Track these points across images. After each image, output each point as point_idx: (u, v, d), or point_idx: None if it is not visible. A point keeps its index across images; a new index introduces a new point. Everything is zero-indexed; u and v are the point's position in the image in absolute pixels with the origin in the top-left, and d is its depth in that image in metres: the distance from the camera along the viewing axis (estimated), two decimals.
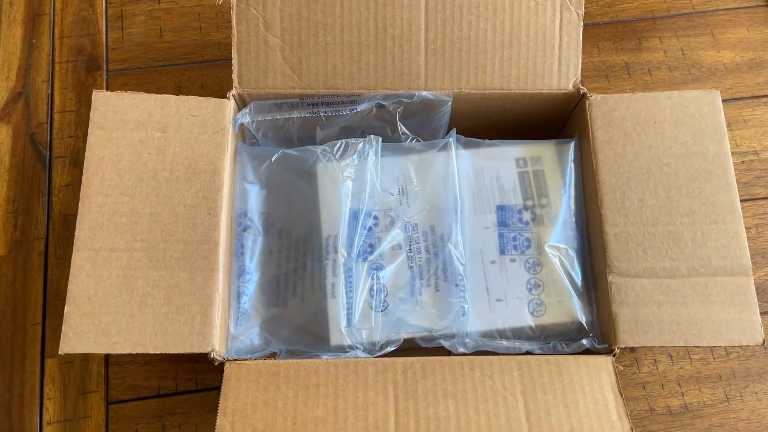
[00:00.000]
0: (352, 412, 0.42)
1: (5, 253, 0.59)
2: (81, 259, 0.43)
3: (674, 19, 0.67)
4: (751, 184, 0.61)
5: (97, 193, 0.45)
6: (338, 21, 0.49)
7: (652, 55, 0.65)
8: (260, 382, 0.43)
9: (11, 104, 0.64)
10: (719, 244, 0.45)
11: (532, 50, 0.50)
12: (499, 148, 0.52)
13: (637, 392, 0.54)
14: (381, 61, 0.50)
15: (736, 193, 0.46)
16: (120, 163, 0.45)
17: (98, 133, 0.46)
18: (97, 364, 0.55)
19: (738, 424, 0.53)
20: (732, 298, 0.45)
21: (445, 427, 0.41)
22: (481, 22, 0.50)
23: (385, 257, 0.49)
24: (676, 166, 0.47)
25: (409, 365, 0.43)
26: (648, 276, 0.45)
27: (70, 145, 0.62)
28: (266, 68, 0.50)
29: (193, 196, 0.45)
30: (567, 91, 0.51)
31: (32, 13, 0.67)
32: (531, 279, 0.49)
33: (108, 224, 0.44)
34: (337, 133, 0.53)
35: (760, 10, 0.67)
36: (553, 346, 0.47)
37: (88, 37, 0.66)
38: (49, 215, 0.60)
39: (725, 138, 0.48)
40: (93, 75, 0.65)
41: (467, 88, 0.50)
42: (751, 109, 0.63)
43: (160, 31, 0.66)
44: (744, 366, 0.55)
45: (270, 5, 0.49)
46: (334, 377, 0.43)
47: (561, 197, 0.50)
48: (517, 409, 0.42)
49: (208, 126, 0.47)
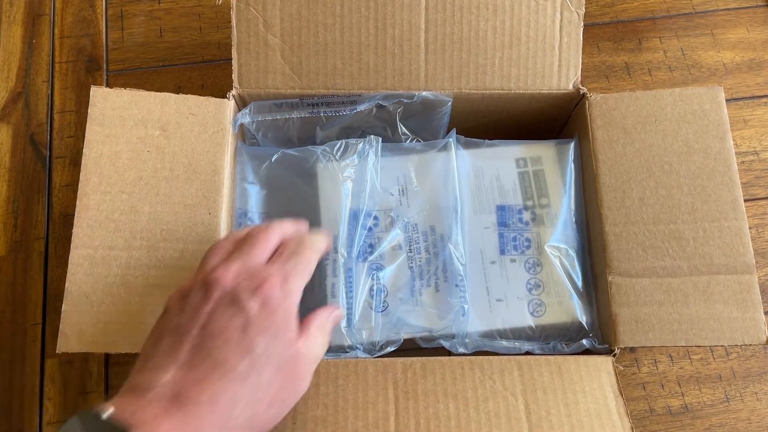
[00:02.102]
0: (352, 411, 0.42)
1: (5, 254, 0.59)
2: (79, 258, 0.43)
3: (674, 19, 0.67)
4: (751, 184, 0.61)
5: (96, 190, 0.45)
6: (338, 21, 0.49)
7: (652, 56, 0.65)
8: None
9: (11, 104, 0.64)
10: (722, 242, 0.45)
11: (532, 50, 0.50)
12: (499, 148, 0.52)
13: (637, 392, 0.54)
14: (381, 61, 0.50)
15: (739, 191, 0.46)
16: (119, 161, 0.45)
17: (96, 129, 0.46)
18: (97, 364, 0.55)
19: (738, 424, 0.53)
20: (735, 296, 0.44)
21: (445, 426, 0.41)
22: (481, 22, 0.50)
23: (385, 257, 0.49)
24: (677, 164, 0.47)
25: (409, 365, 0.43)
26: (649, 275, 0.45)
27: (70, 145, 0.62)
28: (266, 68, 0.50)
29: (193, 196, 0.45)
30: (567, 91, 0.51)
31: (32, 13, 0.67)
32: (531, 279, 0.49)
33: (107, 222, 0.44)
34: (337, 133, 0.53)
35: (760, 10, 0.67)
36: (553, 347, 0.47)
37: (88, 38, 0.66)
38: (49, 215, 0.60)
39: (728, 135, 0.47)
40: (93, 75, 0.65)
41: (467, 89, 0.50)
42: (751, 109, 0.63)
43: (160, 31, 0.66)
44: (744, 366, 0.55)
45: (270, 5, 0.49)
46: (333, 377, 0.43)
47: (561, 197, 0.50)
48: (518, 409, 0.42)
49: (208, 125, 0.47)
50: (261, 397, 0.32)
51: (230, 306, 0.33)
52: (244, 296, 0.33)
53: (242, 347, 0.32)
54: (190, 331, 0.32)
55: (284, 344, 0.33)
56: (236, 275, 0.34)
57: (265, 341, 0.32)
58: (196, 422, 0.30)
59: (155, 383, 0.31)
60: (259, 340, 0.32)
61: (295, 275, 0.35)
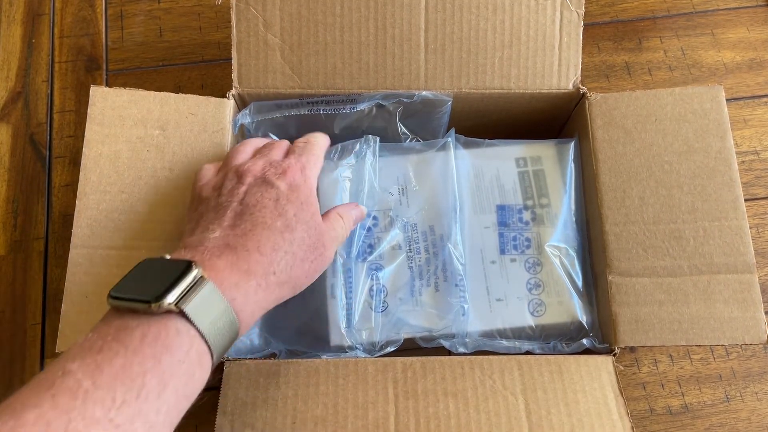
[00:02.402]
0: (352, 411, 0.42)
1: (5, 253, 0.59)
2: (78, 257, 0.43)
3: (674, 18, 0.67)
4: (751, 184, 0.61)
5: (95, 190, 0.45)
6: (338, 21, 0.49)
7: (653, 55, 0.65)
8: (260, 381, 0.43)
9: (11, 104, 0.64)
10: (722, 242, 0.45)
11: (532, 50, 0.50)
12: (499, 148, 0.52)
13: (637, 392, 0.54)
14: (381, 60, 0.50)
15: (739, 190, 0.46)
16: (118, 160, 0.45)
17: (96, 129, 0.46)
18: None
19: (738, 424, 0.53)
20: (735, 295, 0.44)
21: (445, 426, 0.41)
22: (481, 22, 0.50)
23: (384, 257, 0.49)
24: (677, 164, 0.47)
25: (409, 365, 0.43)
26: (649, 275, 0.45)
27: (69, 145, 0.62)
28: (266, 68, 0.50)
29: None
30: (567, 90, 0.51)
31: (32, 13, 0.67)
32: (531, 279, 0.49)
33: (106, 222, 0.44)
34: (336, 133, 0.53)
35: (761, 10, 0.67)
36: (553, 346, 0.47)
37: (87, 37, 0.66)
38: (48, 215, 0.60)
39: (728, 134, 0.47)
40: (93, 75, 0.65)
41: (467, 88, 0.50)
42: (751, 109, 0.63)
43: (160, 30, 0.66)
44: (744, 366, 0.55)
45: (270, 5, 0.49)
46: (333, 376, 0.43)
47: (561, 197, 0.50)
48: (518, 409, 0.42)
49: (207, 125, 0.47)
50: (296, 250, 0.38)
51: (262, 186, 0.39)
52: (273, 178, 0.40)
53: (276, 211, 0.38)
54: (231, 205, 0.39)
55: (309, 214, 0.39)
56: (263, 167, 0.41)
57: (294, 209, 0.39)
58: (247, 262, 0.35)
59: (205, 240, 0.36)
60: (289, 207, 0.39)
61: (310, 165, 0.42)
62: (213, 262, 0.34)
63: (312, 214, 0.40)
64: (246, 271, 0.35)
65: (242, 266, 0.35)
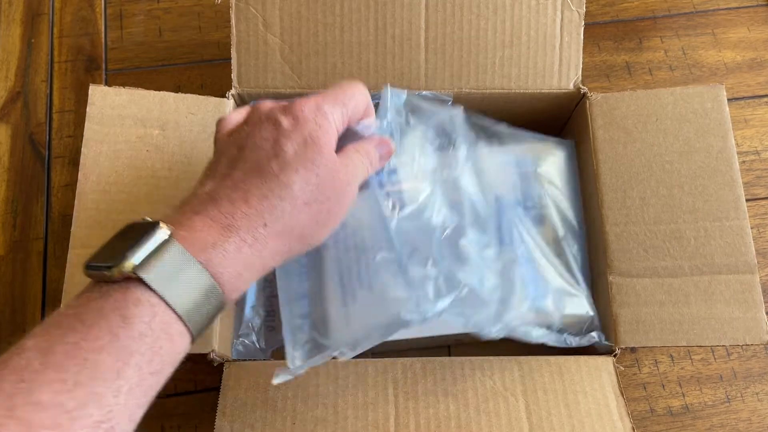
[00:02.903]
0: (352, 411, 0.41)
1: (4, 254, 0.59)
2: (77, 257, 0.43)
3: (675, 18, 0.67)
4: (752, 184, 0.61)
5: (94, 189, 0.45)
6: (338, 20, 0.49)
7: (653, 55, 0.65)
8: (259, 382, 0.42)
9: (10, 104, 0.63)
10: (723, 242, 0.45)
11: (533, 50, 0.50)
12: (499, 148, 0.52)
13: (638, 393, 0.54)
14: (381, 60, 0.50)
15: (740, 190, 0.46)
16: (118, 160, 0.45)
17: (95, 128, 0.46)
18: None
19: (739, 424, 0.53)
20: (736, 296, 0.44)
21: (445, 426, 0.41)
22: (481, 22, 0.50)
23: None
24: (678, 164, 0.47)
25: (409, 365, 0.43)
26: (649, 275, 0.45)
27: (69, 145, 0.62)
28: (266, 68, 0.50)
29: None
30: (567, 90, 0.51)
31: (31, 13, 0.67)
32: (531, 278, 0.49)
33: (105, 221, 0.44)
34: None
35: (761, 10, 0.67)
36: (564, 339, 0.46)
37: (87, 37, 0.66)
38: (48, 215, 0.60)
39: (730, 133, 0.47)
40: (92, 74, 0.65)
41: (467, 88, 0.50)
42: (751, 109, 0.63)
43: (160, 30, 0.66)
44: (745, 366, 0.55)
45: (269, 4, 0.49)
46: (334, 377, 0.43)
47: (561, 197, 0.50)
48: (518, 409, 0.42)
49: (207, 125, 0.47)
50: (296, 194, 0.33)
51: (264, 124, 0.34)
52: (277, 114, 0.34)
53: (273, 151, 0.33)
54: (229, 151, 0.34)
55: (316, 151, 0.34)
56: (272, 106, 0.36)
57: (294, 146, 0.33)
58: (229, 216, 0.31)
59: (194, 196, 0.33)
60: (288, 145, 0.33)
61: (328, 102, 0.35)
62: (191, 221, 0.31)
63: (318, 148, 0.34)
64: (226, 227, 0.31)
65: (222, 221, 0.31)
